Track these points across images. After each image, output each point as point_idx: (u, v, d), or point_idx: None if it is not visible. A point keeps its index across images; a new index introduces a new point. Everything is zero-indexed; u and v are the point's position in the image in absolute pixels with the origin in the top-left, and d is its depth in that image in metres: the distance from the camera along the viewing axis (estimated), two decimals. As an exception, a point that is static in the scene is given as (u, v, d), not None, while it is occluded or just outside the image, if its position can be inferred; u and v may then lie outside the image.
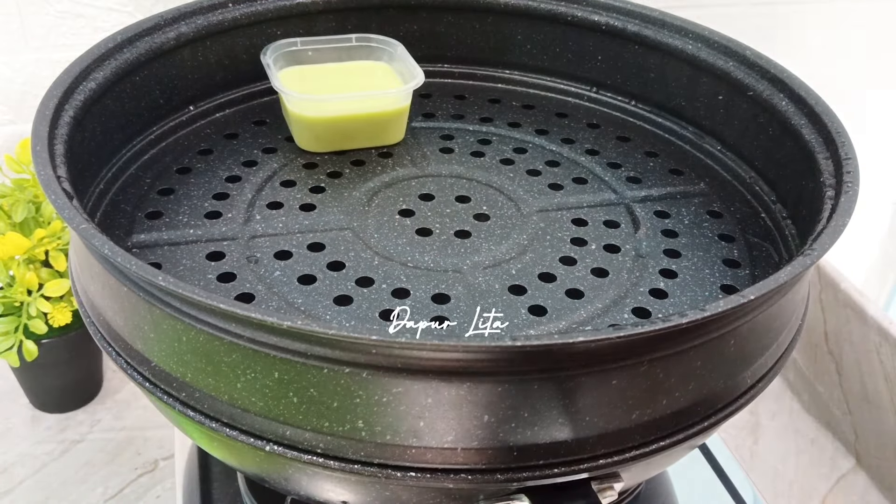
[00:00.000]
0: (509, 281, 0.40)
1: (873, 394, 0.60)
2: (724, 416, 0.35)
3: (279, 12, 0.53)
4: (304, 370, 0.30)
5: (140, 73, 0.47)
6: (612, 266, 0.42)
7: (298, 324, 0.28)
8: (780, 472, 0.63)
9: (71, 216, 0.33)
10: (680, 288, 0.41)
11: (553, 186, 0.48)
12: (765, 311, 0.35)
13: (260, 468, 0.35)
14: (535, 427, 0.31)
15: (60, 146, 0.39)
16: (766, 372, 0.37)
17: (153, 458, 0.63)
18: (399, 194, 0.46)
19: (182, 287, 0.30)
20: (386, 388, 0.30)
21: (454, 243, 0.43)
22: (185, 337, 0.32)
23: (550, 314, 0.38)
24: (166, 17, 0.49)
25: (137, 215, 0.44)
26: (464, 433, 0.30)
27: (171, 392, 0.33)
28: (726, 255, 0.43)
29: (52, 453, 0.63)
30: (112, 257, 0.31)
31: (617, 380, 0.31)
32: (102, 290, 0.35)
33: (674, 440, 0.33)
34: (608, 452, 0.32)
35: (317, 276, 0.40)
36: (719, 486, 0.56)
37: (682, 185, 0.49)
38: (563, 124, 0.54)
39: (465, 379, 0.30)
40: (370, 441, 0.31)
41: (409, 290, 0.39)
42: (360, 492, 0.33)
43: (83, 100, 0.42)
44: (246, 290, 0.39)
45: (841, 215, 0.37)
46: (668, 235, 0.45)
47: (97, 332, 0.36)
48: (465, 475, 0.31)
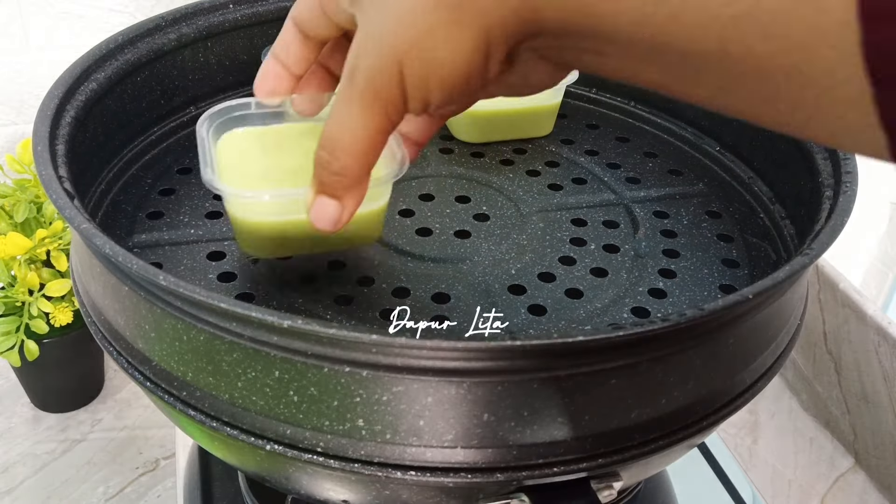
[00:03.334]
0: (509, 281, 0.40)
1: (872, 393, 0.61)
2: (723, 415, 0.35)
3: (279, 13, 0.53)
4: (305, 369, 0.30)
5: (141, 74, 0.48)
6: (611, 266, 0.42)
7: (298, 323, 0.28)
8: (779, 471, 0.63)
9: (72, 216, 0.33)
10: (679, 288, 0.41)
11: (552, 187, 0.48)
12: (763, 311, 0.35)
13: (260, 467, 0.35)
14: (535, 426, 0.31)
15: (62, 146, 0.39)
16: (765, 371, 0.37)
17: (154, 457, 0.63)
18: (399, 194, 0.46)
19: (183, 286, 0.30)
20: (386, 387, 0.30)
21: (454, 243, 0.43)
22: (185, 336, 0.32)
23: (550, 314, 0.39)
24: (167, 18, 0.49)
25: (138, 215, 0.44)
26: (464, 432, 0.30)
27: (171, 391, 0.33)
28: (725, 254, 0.43)
29: (54, 453, 0.63)
30: (113, 257, 0.31)
31: (616, 379, 0.31)
32: (104, 289, 0.35)
33: (673, 439, 0.33)
34: (607, 451, 0.32)
35: (317, 276, 0.40)
36: (718, 486, 0.57)
37: (681, 186, 0.49)
38: (562, 125, 0.55)
39: (464, 378, 0.30)
40: (370, 440, 0.31)
41: (409, 289, 0.39)
42: (360, 491, 0.34)
43: (84, 100, 0.42)
44: (246, 289, 0.39)
45: (839, 215, 0.37)
46: (667, 235, 0.45)
47: (98, 332, 0.36)
48: (464, 474, 0.31)
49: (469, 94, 0.28)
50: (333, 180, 0.30)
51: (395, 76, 0.27)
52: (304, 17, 0.31)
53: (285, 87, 0.34)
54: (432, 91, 0.27)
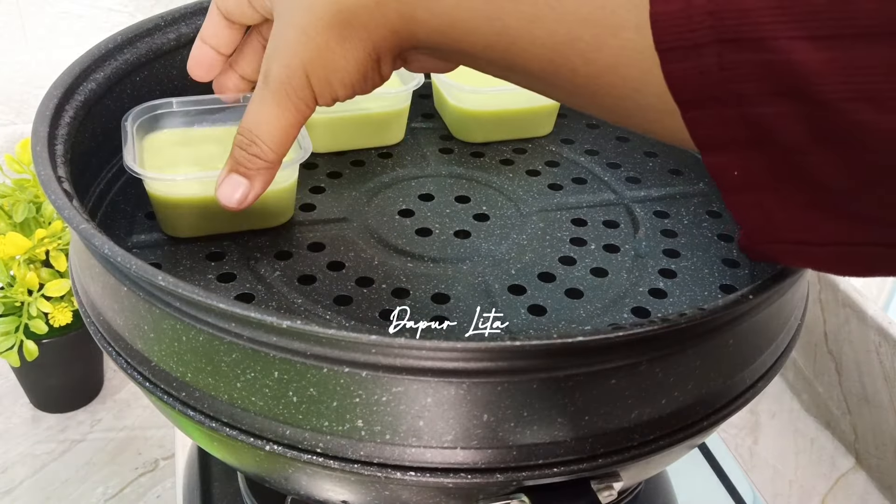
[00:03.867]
0: (509, 281, 0.40)
1: (873, 393, 0.60)
2: (724, 415, 0.35)
3: (279, 13, 0.53)
4: (304, 370, 0.30)
5: (140, 74, 0.48)
6: (611, 266, 0.42)
7: (298, 324, 0.28)
8: (780, 471, 0.63)
9: (71, 216, 0.33)
10: (679, 288, 0.41)
11: (553, 186, 0.48)
12: (764, 311, 0.35)
13: (260, 468, 0.35)
14: (535, 426, 0.31)
15: (61, 146, 0.39)
16: (766, 371, 0.37)
17: (154, 457, 0.63)
18: (399, 194, 0.46)
19: (182, 287, 0.30)
20: (385, 387, 0.30)
21: (454, 243, 0.43)
22: (185, 337, 0.32)
23: (550, 314, 0.38)
24: (166, 18, 0.49)
25: (137, 215, 0.44)
26: (463, 432, 0.30)
27: (171, 392, 0.33)
28: (725, 254, 0.43)
29: (53, 453, 0.63)
30: (112, 257, 0.31)
31: (616, 379, 0.31)
32: (103, 290, 0.35)
33: (673, 439, 0.33)
34: (607, 452, 0.32)
35: (317, 276, 0.40)
36: (719, 486, 0.56)
37: (682, 186, 0.49)
38: (562, 124, 0.54)
39: (464, 378, 0.30)
40: (370, 440, 0.31)
41: (409, 290, 0.39)
42: (359, 491, 0.33)
43: (83, 100, 0.42)
44: (246, 290, 0.39)
45: (840, 215, 0.37)
46: (668, 235, 0.45)
47: (97, 332, 0.36)
48: (464, 475, 0.31)
49: (370, 86, 0.33)
50: (248, 160, 0.34)
51: (303, 79, 0.31)
52: (229, 6, 0.36)
53: (217, 66, 0.39)
54: (336, 89, 0.32)
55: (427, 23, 0.29)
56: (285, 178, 0.42)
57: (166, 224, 0.42)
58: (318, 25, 0.30)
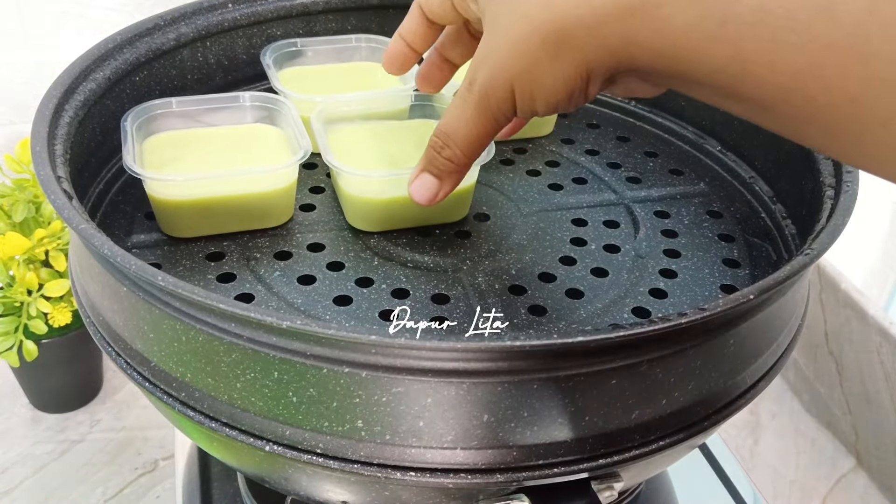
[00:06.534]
0: (509, 281, 0.40)
1: (874, 394, 0.60)
2: (724, 415, 0.35)
3: (279, 12, 0.53)
4: (304, 370, 0.30)
5: (140, 74, 0.47)
6: (611, 266, 0.42)
7: (298, 324, 0.28)
8: (781, 472, 0.63)
9: (70, 216, 0.33)
10: (680, 288, 0.41)
11: (553, 186, 0.48)
12: (764, 311, 0.35)
13: (259, 468, 0.35)
14: (535, 427, 0.31)
15: (60, 146, 0.39)
16: (766, 372, 0.37)
17: (153, 458, 0.63)
18: (399, 194, 0.46)
19: (182, 287, 0.30)
20: (385, 387, 0.30)
21: (454, 243, 0.43)
22: (184, 337, 0.32)
23: (550, 314, 0.38)
24: (166, 18, 0.49)
25: (137, 216, 0.44)
26: (463, 433, 0.30)
27: (170, 392, 0.33)
28: (726, 254, 0.43)
29: (53, 453, 0.63)
30: (112, 257, 0.31)
31: (616, 379, 0.31)
32: (102, 290, 0.35)
33: (673, 440, 0.33)
34: (608, 452, 0.32)
35: (316, 277, 0.40)
36: (719, 486, 0.56)
37: (682, 186, 0.49)
38: (563, 124, 0.54)
39: (464, 379, 0.30)
40: (370, 441, 0.31)
41: (409, 290, 0.39)
42: (359, 492, 0.33)
43: (83, 100, 0.42)
44: (246, 290, 0.39)
45: (840, 215, 0.37)
46: (668, 235, 0.45)
47: (97, 333, 0.36)
48: (464, 475, 0.31)
49: (573, 106, 0.32)
50: (441, 162, 0.35)
51: (507, 92, 0.31)
52: (433, 6, 0.37)
53: (409, 64, 0.40)
54: (538, 106, 0.31)
55: (650, 46, 0.27)
56: (285, 178, 0.42)
57: (166, 224, 0.42)
58: (532, 40, 0.29)
